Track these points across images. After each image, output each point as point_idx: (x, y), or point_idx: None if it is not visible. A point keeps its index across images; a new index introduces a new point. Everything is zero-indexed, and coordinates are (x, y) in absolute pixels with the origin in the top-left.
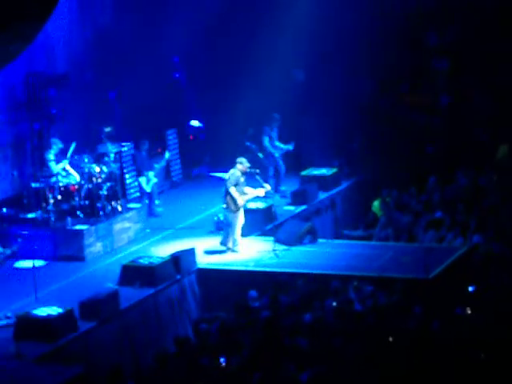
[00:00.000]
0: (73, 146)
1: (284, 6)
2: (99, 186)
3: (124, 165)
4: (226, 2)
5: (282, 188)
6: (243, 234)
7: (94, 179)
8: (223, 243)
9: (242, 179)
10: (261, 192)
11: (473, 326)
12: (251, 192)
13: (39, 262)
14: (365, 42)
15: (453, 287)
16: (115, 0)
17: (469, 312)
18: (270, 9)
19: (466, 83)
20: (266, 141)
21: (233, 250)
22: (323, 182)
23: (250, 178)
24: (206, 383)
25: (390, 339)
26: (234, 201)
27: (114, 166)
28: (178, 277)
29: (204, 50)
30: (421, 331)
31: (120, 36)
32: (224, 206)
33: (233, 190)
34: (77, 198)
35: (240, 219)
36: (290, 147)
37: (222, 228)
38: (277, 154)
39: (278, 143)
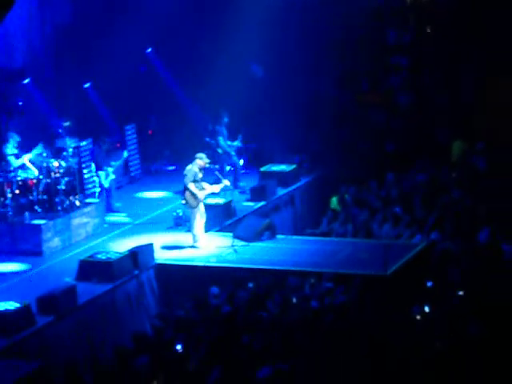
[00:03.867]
0: (39, 149)
1: (245, 2)
2: (57, 181)
3: (82, 160)
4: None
5: (241, 184)
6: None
7: (52, 174)
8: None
9: (201, 175)
10: (217, 188)
11: (429, 322)
12: (208, 188)
13: None
14: (324, 40)
15: (410, 284)
16: None
17: (426, 310)
18: (230, 4)
19: (424, 82)
20: (221, 140)
21: (193, 246)
22: (282, 178)
23: (209, 174)
24: (164, 378)
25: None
26: (194, 196)
27: (73, 161)
28: (136, 272)
29: (162, 47)
30: (379, 327)
31: (79, 31)
32: (183, 201)
33: (191, 186)
34: (35, 193)
35: (200, 214)
36: (239, 143)
37: (181, 224)
38: (232, 152)
39: (228, 142)
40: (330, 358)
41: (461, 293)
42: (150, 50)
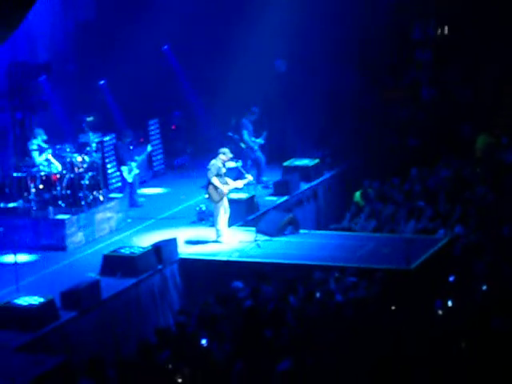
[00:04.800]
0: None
1: None
2: (81, 176)
3: (106, 154)
4: None
5: (264, 178)
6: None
7: (75, 169)
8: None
9: (224, 170)
10: (240, 184)
11: (452, 317)
12: (231, 183)
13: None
14: (348, 35)
15: (434, 278)
16: None
17: (449, 304)
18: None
19: (448, 76)
20: (246, 134)
21: (216, 241)
22: (305, 173)
23: (232, 169)
24: (189, 373)
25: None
26: (217, 190)
27: (96, 156)
28: (160, 267)
29: (186, 42)
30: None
31: (101, 27)
32: (206, 196)
33: (215, 180)
34: (58, 188)
35: (224, 209)
36: (262, 140)
37: (204, 218)
38: (255, 147)
39: (253, 138)
40: (351, 353)
41: (484, 287)
42: (170, 45)
